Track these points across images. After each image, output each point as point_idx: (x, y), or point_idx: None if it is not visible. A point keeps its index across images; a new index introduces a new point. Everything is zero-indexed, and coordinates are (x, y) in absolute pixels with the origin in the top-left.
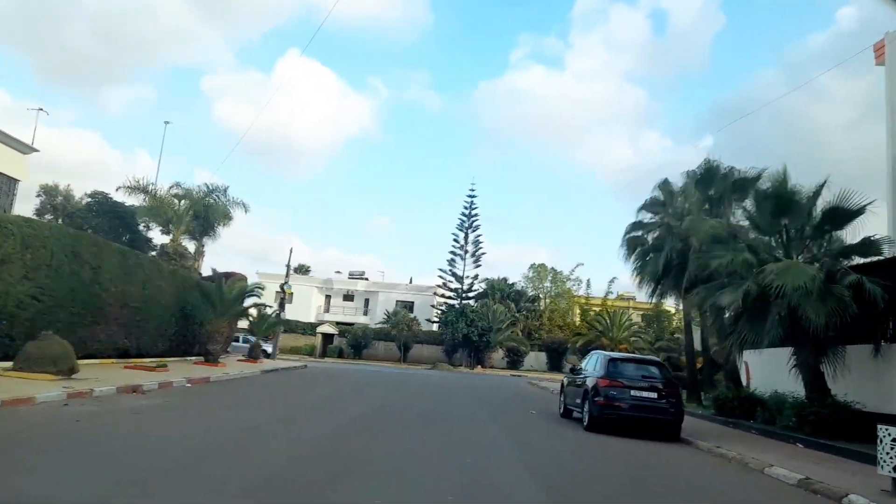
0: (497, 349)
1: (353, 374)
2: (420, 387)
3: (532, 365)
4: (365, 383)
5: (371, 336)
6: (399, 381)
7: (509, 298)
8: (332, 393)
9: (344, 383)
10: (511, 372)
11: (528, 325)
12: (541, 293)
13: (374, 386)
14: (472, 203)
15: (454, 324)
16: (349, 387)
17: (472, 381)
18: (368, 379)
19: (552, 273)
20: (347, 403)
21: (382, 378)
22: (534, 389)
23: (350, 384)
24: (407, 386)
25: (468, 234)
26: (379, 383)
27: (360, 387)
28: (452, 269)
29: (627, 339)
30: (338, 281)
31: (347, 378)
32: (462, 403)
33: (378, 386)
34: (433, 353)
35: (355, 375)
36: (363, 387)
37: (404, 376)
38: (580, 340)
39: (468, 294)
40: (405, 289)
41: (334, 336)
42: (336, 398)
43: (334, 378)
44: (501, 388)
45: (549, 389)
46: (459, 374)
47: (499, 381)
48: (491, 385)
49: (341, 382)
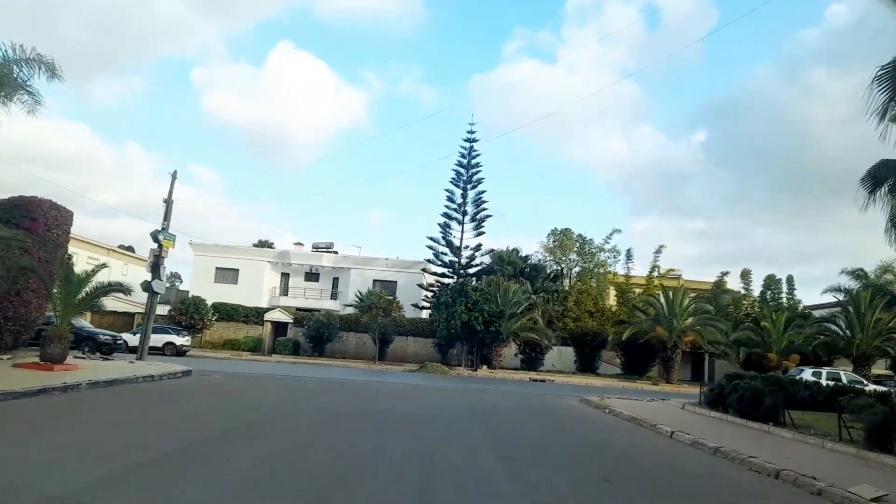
0: (509, 343)
1: (275, 389)
2: (388, 425)
3: (554, 364)
4: (262, 421)
5: (338, 325)
6: (351, 405)
7: (522, 275)
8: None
9: (210, 427)
10: (530, 375)
11: (548, 311)
12: (565, 268)
13: (268, 435)
14: (471, 150)
15: (450, 307)
16: (199, 444)
17: (484, 402)
18: (290, 404)
19: (579, 241)
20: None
21: (326, 398)
22: (614, 422)
23: (222, 431)
24: (361, 423)
25: (467, 191)
26: (304, 415)
27: (230, 438)
28: (447, 235)
29: (694, 328)
30: (297, 254)
31: (245, 402)
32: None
33: (279, 434)
34: (421, 348)
35: (276, 392)
36: (235, 440)
37: (370, 391)
38: (626, 331)
39: (467, 270)
40: (385, 264)
41: (288, 326)
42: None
43: (207, 409)
44: (554, 426)
45: (646, 423)
46: (459, 382)
47: (532, 403)
48: (526, 412)
49: (203, 424)
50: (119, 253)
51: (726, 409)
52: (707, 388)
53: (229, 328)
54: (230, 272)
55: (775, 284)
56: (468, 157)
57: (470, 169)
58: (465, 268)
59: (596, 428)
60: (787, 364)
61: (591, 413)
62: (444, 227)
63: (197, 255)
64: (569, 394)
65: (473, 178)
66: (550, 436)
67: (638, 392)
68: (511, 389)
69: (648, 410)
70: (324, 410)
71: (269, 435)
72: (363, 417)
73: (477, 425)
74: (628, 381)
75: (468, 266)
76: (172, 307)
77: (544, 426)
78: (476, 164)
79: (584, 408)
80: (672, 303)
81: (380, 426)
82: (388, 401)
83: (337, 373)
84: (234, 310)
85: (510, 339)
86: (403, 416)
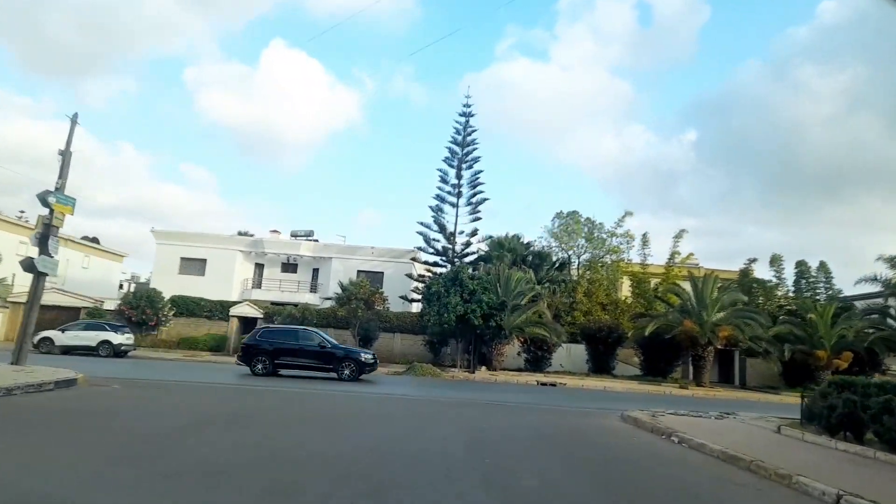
0: (512, 340)
1: (170, 413)
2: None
3: (562, 364)
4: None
5: (314, 321)
6: (272, 444)
7: (525, 264)
8: None
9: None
10: (537, 377)
11: (554, 304)
12: (574, 255)
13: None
14: (466, 125)
15: (443, 298)
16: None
17: (489, 426)
18: (153, 448)
19: (588, 226)
20: None
21: (248, 428)
22: (700, 463)
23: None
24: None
25: (461, 170)
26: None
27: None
28: (439, 219)
29: (728, 321)
30: (272, 242)
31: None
32: None
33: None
34: (410, 346)
35: (165, 419)
36: None
37: (326, 409)
38: (649, 325)
39: (462, 258)
40: (370, 253)
41: (257, 322)
42: None
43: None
44: (621, 481)
45: (770, 471)
46: (452, 389)
47: (557, 423)
48: (556, 446)
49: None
50: (78, 243)
51: (859, 436)
52: (823, 404)
53: (190, 325)
54: (197, 262)
55: (809, 272)
56: (463, 134)
57: (465, 146)
58: (459, 256)
59: (692, 486)
60: (838, 363)
61: (654, 445)
62: (437, 211)
63: (159, 244)
64: (595, 405)
65: (469, 157)
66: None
67: (673, 399)
68: (519, 400)
69: (733, 437)
70: (197, 466)
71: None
72: (264, 477)
73: (483, 488)
74: (651, 383)
75: (463, 254)
76: (122, 301)
77: (606, 485)
78: (472, 142)
79: (636, 433)
80: (702, 292)
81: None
82: (343, 429)
83: (299, 385)
84: (196, 303)
85: (513, 335)
86: (342, 474)
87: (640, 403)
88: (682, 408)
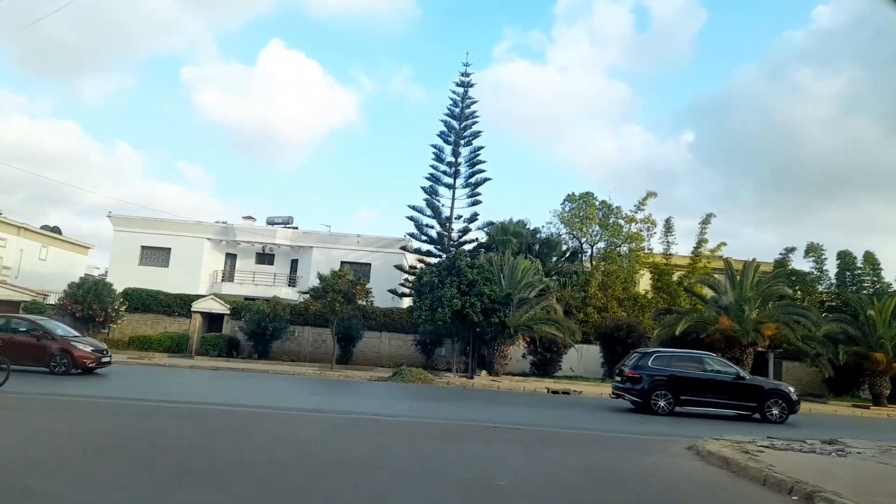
0: (517, 339)
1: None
2: None
3: (573, 367)
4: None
5: (287, 317)
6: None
7: (531, 252)
8: None
9: None
10: (546, 384)
11: (564, 298)
12: (587, 243)
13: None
14: (465, 96)
15: (436, 290)
16: None
17: (496, 481)
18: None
19: (604, 209)
20: None
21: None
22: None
23: None
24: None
25: (459, 146)
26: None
27: None
28: (433, 202)
29: (773, 318)
30: (245, 230)
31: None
32: None
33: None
34: (399, 347)
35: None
36: None
37: (234, 454)
38: (679, 323)
39: (459, 246)
40: (356, 242)
41: (224, 318)
42: None
43: None
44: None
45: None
46: (445, 402)
47: (605, 466)
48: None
49: None
50: (35, 232)
51: None
52: None
53: (146, 321)
54: (160, 252)
55: (854, 264)
56: (461, 106)
57: (464, 120)
58: (456, 244)
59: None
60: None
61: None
62: (431, 193)
63: (117, 231)
64: (633, 427)
65: (467, 132)
66: None
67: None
68: (534, 419)
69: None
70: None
71: None
72: None
73: None
74: None
75: (461, 242)
76: (64, 294)
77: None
78: (472, 115)
79: (735, 484)
80: (742, 285)
81: None
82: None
83: (249, 388)
84: (153, 297)
85: (518, 333)
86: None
87: (683, 423)
88: (745, 429)
